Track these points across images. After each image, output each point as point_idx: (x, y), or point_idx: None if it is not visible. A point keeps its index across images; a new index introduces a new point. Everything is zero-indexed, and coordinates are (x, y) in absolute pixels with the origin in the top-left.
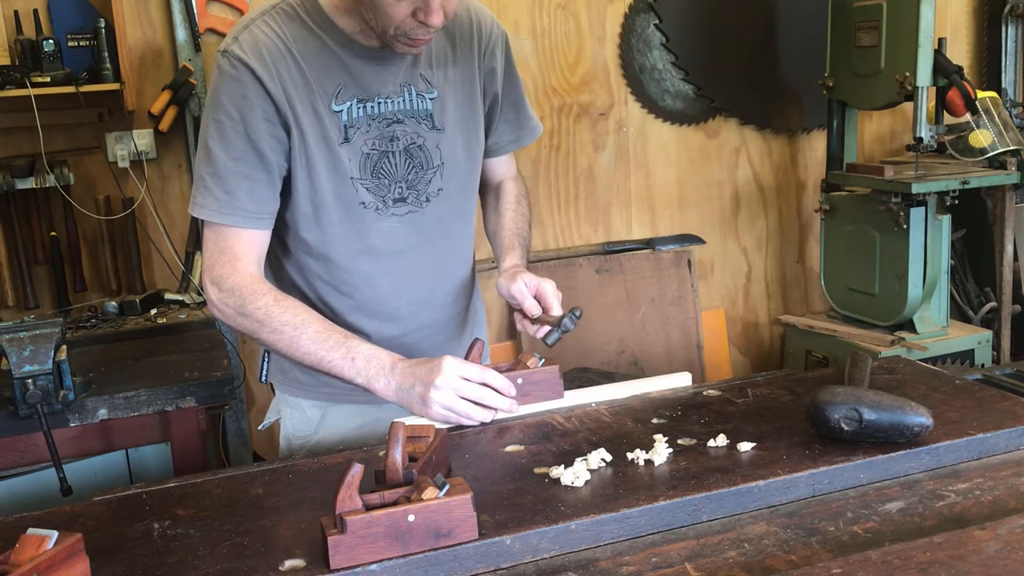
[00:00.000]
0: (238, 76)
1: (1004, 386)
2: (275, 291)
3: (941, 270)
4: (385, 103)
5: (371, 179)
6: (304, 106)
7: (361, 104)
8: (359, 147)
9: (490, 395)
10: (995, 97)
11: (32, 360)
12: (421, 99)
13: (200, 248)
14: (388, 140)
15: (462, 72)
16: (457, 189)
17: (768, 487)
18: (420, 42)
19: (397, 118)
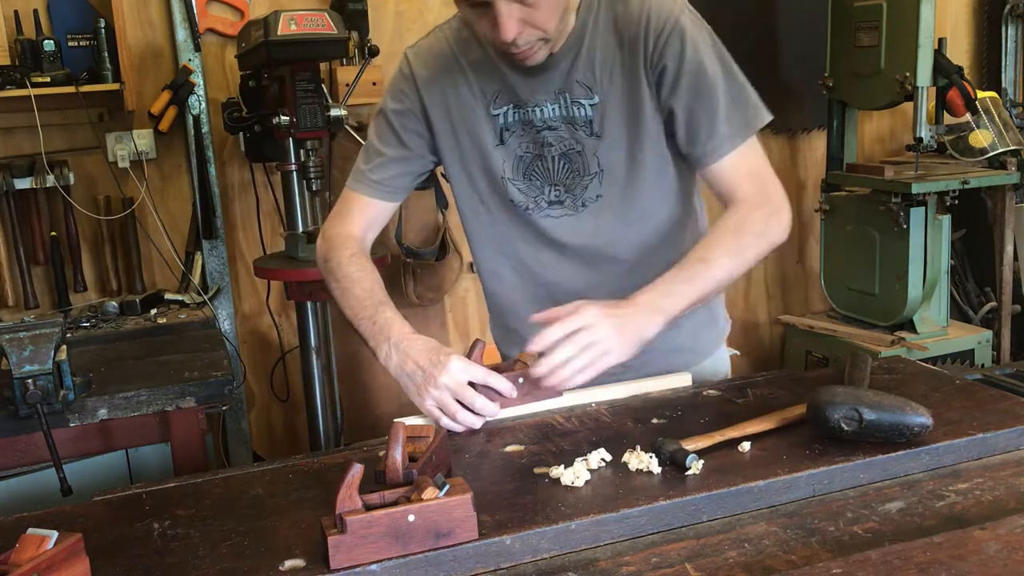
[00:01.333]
0: (403, 74)
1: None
2: (359, 250)
3: (941, 270)
4: (538, 110)
5: (523, 180)
6: (462, 109)
7: (517, 110)
8: (513, 149)
9: (482, 402)
10: (995, 97)
11: (32, 360)
12: (578, 106)
13: (200, 248)
14: (540, 145)
15: (627, 76)
16: (619, 197)
17: (768, 487)
18: (520, 55)
19: (549, 125)
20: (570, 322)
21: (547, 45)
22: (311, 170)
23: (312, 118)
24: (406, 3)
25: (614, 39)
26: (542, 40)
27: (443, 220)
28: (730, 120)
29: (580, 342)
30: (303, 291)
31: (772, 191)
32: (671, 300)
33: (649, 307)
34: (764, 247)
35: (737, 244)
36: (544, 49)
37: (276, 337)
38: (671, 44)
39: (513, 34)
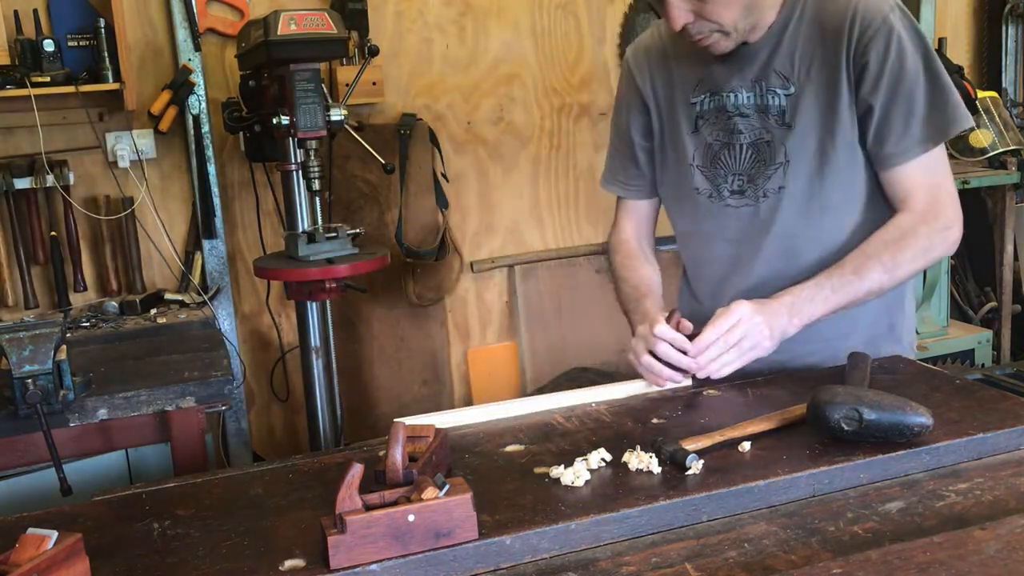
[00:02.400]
0: (624, 72)
1: (1004, 386)
2: (631, 251)
3: (941, 270)
4: (732, 96)
5: (709, 168)
6: (667, 97)
7: (713, 97)
8: (704, 137)
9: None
10: (995, 97)
11: (32, 360)
12: (773, 95)
13: (200, 248)
14: (730, 133)
15: (827, 69)
16: (802, 190)
17: (768, 487)
18: (701, 42)
19: (741, 112)
20: (725, 320)
21: (728, 37)
22: (311, 170)
23: (312, 118)
24: (406, 3)
25: (818, 32)
26: (719, 32)
27: (443, 220)
28: (925, 125)
29: (732, 339)
30: (303, 291)
31: (946, 205)
32: (813, 306)
33: (793, 309)
34: (921, 264)
35: (894, 260)
36: (725, 41)
37: (276, 337)
38: (876, 41)
39: (681, 23)
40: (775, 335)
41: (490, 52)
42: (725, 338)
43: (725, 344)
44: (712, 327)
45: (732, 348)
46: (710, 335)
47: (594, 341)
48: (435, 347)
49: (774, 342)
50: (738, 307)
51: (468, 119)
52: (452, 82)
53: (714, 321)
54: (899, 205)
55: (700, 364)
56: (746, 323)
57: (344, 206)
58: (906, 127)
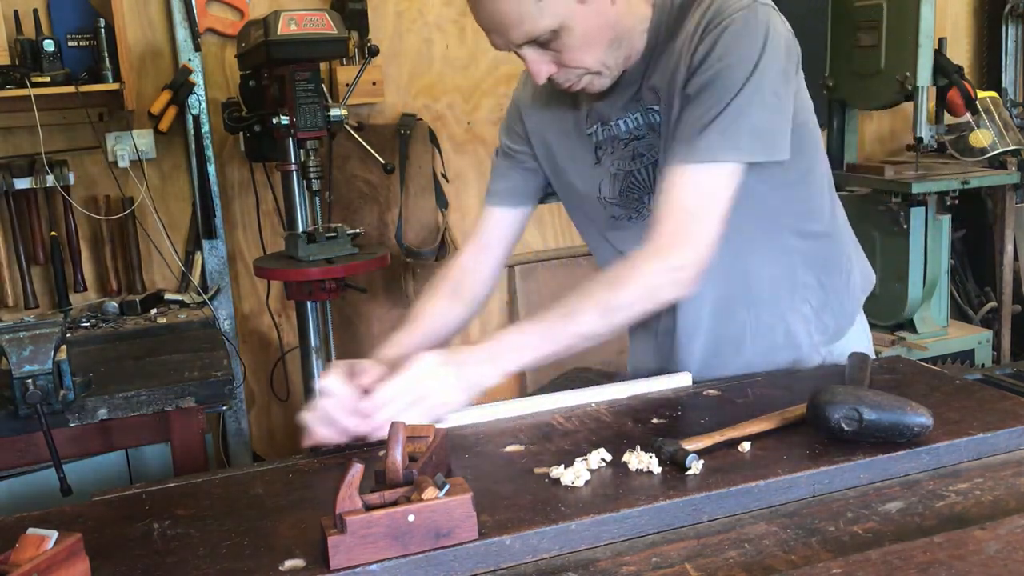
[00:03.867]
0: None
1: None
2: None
3: (941, 270)
4: (621, 123)
5: (619, 197)
6: (560, 132)
7: (604, 127)
8: (607, 168)
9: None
10: (995, 97)
11: (32, 360)
12: (652, 112)
13: (200, 248)
14: (631, 159)
15: (684, 70)
16: None
17: (768, 487)
18: (571, 88)
19: (635, 135)
20: (403, 376)
21: (601, 76)
22: (311, 170)
23: (312, 118)
24: (406, 3)
25: (678, 39)
26: (589, 74)
27: (443, 220)
28: (710, 133)
29: (412, 396)
30: (303, 291)
31: (690, 242)
32: (520, 355)
33: (492, 358)
34: (647, 306)
35: (610, 303)
36: (599, 80)
37: (276, 337)
38: (709, 33)
39: (543, 77)
40: (469, 387)
41: (490, 52)
42: (404, 395)
43: (403, 402)
44: (389, 383)
45: (413, 405)
46: (387, 392)
47: None
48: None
49: (467, 394)
50: (421, 359)
51: (468, 119)
52: (452, 82)
53: (394, 376)
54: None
55: (372, 425)
56: (429, 378)
57: (344, 206)
58: (696, 125)
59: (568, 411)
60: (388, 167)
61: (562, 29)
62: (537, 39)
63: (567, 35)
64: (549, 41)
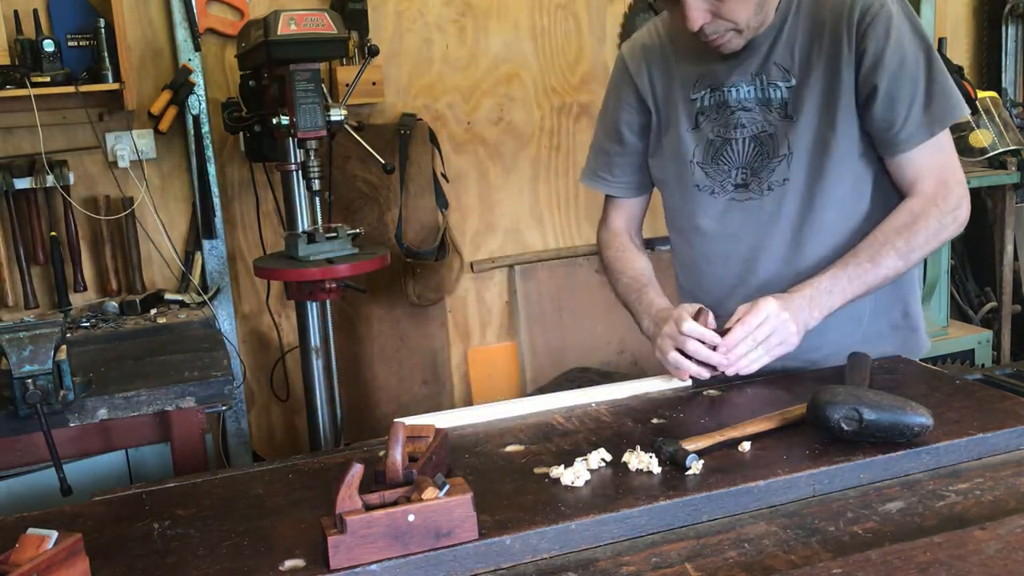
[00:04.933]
0: (617, 68)
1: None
2: (623, 245)
3: (941, 270)
4: (733, 91)
5: (711, 164)
6: (667, 95)
7: (714, 92)
8: (705, 133)
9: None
10: (995, 97)
11: (32, 360)
12: (775, 88)
13: (200, 248)
14: (732, 128)
15: (827, 58)
16: (805, 181)
17: (768, 487)
18: (712, 43)
19: (744, 106)
20: (754, 316)
21: (741, 35)
22: (311, 170)
23: (312, 118)
24: (406, 3)
25: (816, 23)
26: (734, 30)
27: (443, 220)
28: (927, 110)
29: (760, 335)
30: (303, 291)
31: (953, 186)
32: (832, 297)
33: (813, 301)
34: (934, 246)
35: (907, 245)
36: (738, 39)
37: (276, 337)
38: (874, 28)
39: (699, 23)
40: (800, 330)
41: (490, 52)
42: (754, 335)
43: (754, 341)
44: (741, 324)
45: (760, 344)
46: (739, 332)
47: (594, 341)
48: (435, 347)
49: (799, 337)
50: (765, 303)
51: (468, 119)
52: (452, 82)
53: (742, 318)
54: (907, 189)
55: (730, 361)
56: (773, 319)
57: (344, 206)
58: (910, 111)
59: (568, 411)
60: (388, 167)
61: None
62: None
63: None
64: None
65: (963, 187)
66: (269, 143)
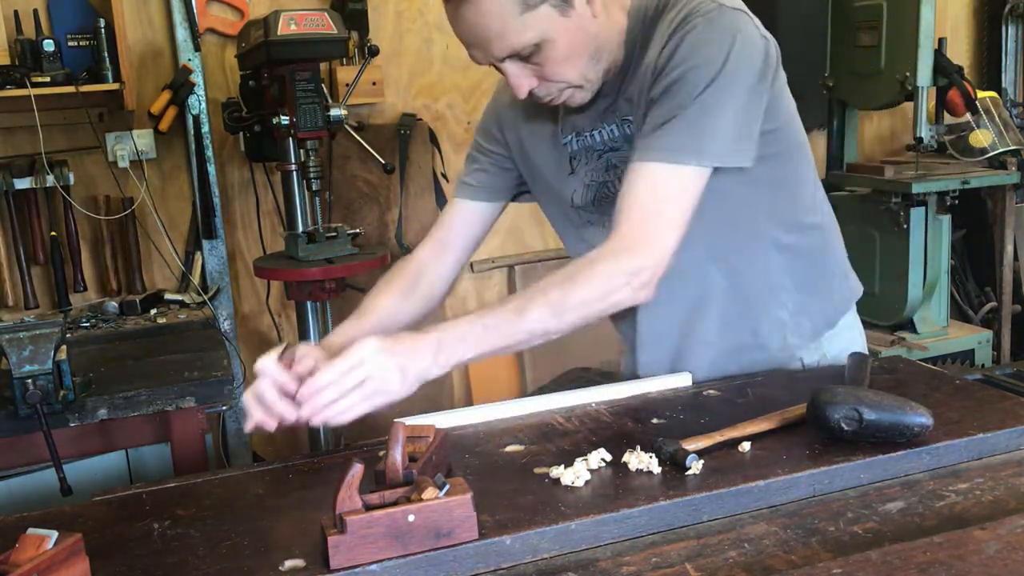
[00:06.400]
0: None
1: (1004, 386)
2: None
3: (941, 270)
4: (596, 134)
5: (593, 205)
6: (536, 139)
7: (579, 137)
8: (582, 178)
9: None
10: (995, 97)
11: (32, 360)
12: (628, 123)
13: (200, 248)
14: (606, 170)
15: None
16: None
17: (768, 487)
18: (552, 102)
19: (612, 147)
20: (344, 360)
21: (583, 89)
22: (311, 170)
23: (312, 118)
24: (406, 3)
25: (652, 48)
26: (570, 88)
27: None
28: (675, 133)
29: (350, 382)
30: (303, 291)
31: (649, 243)
32: (464, 346)
33: (437, 348)
34: (599, 308)
35: (562, 301)
36: (581, 93)
37: (276, 337)
38: (674, 38)
39: (525, 91)
40: (408, 377)
41: None
42: (342, 381)
43: (341, 388)
44: (329, 368)
45: (352, 391)
46: (325, 377)
47: (594, 341)
48: None
49: (406, 385)
50: (362, 346)
51: (468, 119)
52: (452, 82)
53: (333, 361)
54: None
55: (310, 408)
56: (370, 364)
57: (344, 206)
58: (659, 124)
59: (568, 411)
60: (388, 167)
61: (544, 43)
62: (519, 53)
63: (550, 48)
64: (531, 55)
65: (660, 250)
66: (269, 143)
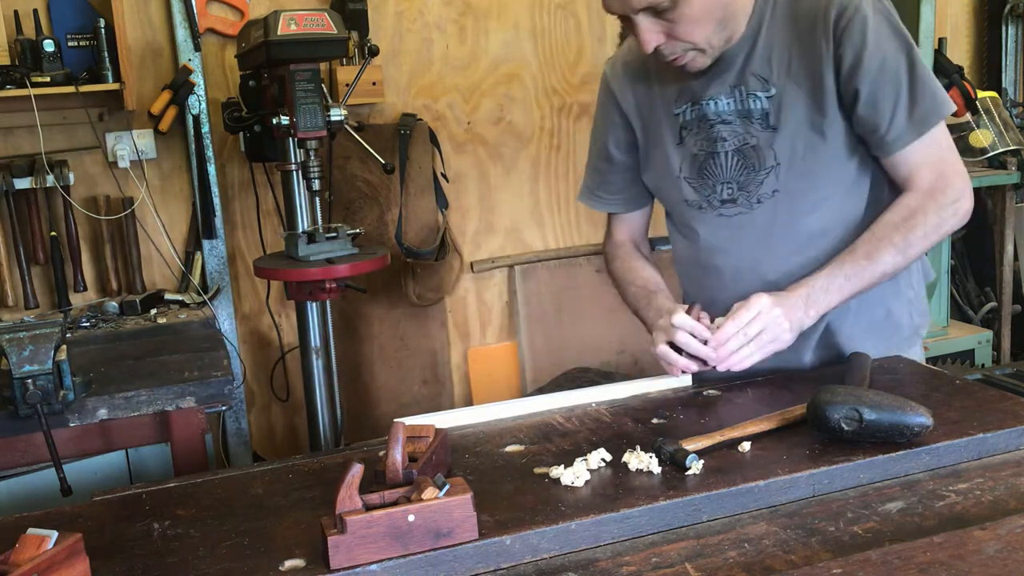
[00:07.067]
0: (602, 87)
1: (1004, 386)
2: (629, 255)
3: (941, 270)
4: (712, 104)
5: (697, 179)
6: (650, 111)
7: (694, 107)
8: (689, 148)
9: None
10: (995, 97)
11: (32, 360)
12: (754, 99)
13: (200, 248)
14: (714, 141)
15: (806, 64)
16: (798, 190)
17: (768, 487)
18: (676, 62)
19: (724, 119)
20: (745, 312)
21: (704, 54)
22: (311, 170)
23: (312, 118)
24: (406, 3)
25: (792, 29)
26: (695, 50)
27: (443, 220)
28: (912, 109)
29: (752, 331)
30: (303, 291)
31: (952, 179)
32: (829, 296)
33: (809, 300)
34: (934, 240)
35: (904, 240)
36: (702, 58)
37: (276, 337)
38: (851, 30)
39: (653, 45)
40: (794, 328)
41: (490, 52)
42: (745, 331)
43: (745, 337)
44: (732, 319)
45: (752, 341)
46: (730, 327)
47: (594, 341)
48: (435, 347)
49: (793, 334)
50: (757, 300)
51: (468, 119)
52: (452, 82)
53: (734, 313)
54: (904, 185)
55: (720, 355)
56: (765, 316)
57: (344, 206)
58: (895, 113)
59: (568, 411)
60: (388, 167)
61: (681, 1)
62: (656, 7)
63: (685, 6)
64: (666, 11)
65: (963, 179)
66: (269, 143)
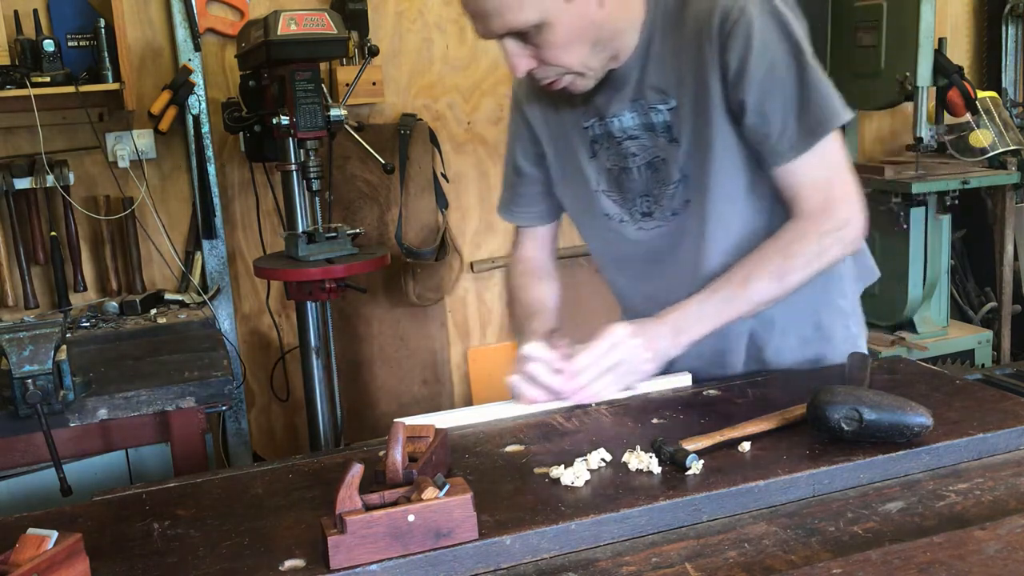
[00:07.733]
0: (512, 102)
1: (1004, 386)
2: (529, 269)
3: (941, 270)
4: (616, 121)
5: (616, 192)
6: (558, 125)
7: (601, 123)
8: (603, 162)
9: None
10: (995, 97)
11: (32, 360)
12: (656, 112)
13: (200, 248)
14: (625, 157)
15: (698, 74)
16: (710, 202)
17: (768, 487)
18: (553, 86)
19: (630, 135)
20: (601, 343)
21: (585, 77)
22: (311, 170)
23: (312, 118)
24: (406, 3)
25: (683, 38)
26: (571, 74)
27: (443, 220)
28: (801, 120)
29: (607, 363)
30: (303, 291)
31: (838, 204)
32: (701, 324)
33: (676, 328)
34: (815, 268)
35: (782, 267)
36: (582, 80)
37: (276, 337)
38: (735, 35)
39: (523, 70)
40: (657, 358)
41: (490, 52)
42: (599, 362)
43: (599, 369)
44: (587, 350)
45: (608, 371)
46: (583, 359)
47: None
48: (435, 347)
49: (656, 364)
50: (615, 330)
51: (468, 119)
52: (452, 82)
53: (589, 344)
54: (789, 206)
55: (571, 388)
56: (622, 347)
57: (344, 206)
58: (784, 122)
59: (568, 411)
60: (388, 167)
61: (544, 25)
62: (518, 31)
63: (549, 32)
64: (530, 36)
65: (851, 204)
66: (269, 143)
